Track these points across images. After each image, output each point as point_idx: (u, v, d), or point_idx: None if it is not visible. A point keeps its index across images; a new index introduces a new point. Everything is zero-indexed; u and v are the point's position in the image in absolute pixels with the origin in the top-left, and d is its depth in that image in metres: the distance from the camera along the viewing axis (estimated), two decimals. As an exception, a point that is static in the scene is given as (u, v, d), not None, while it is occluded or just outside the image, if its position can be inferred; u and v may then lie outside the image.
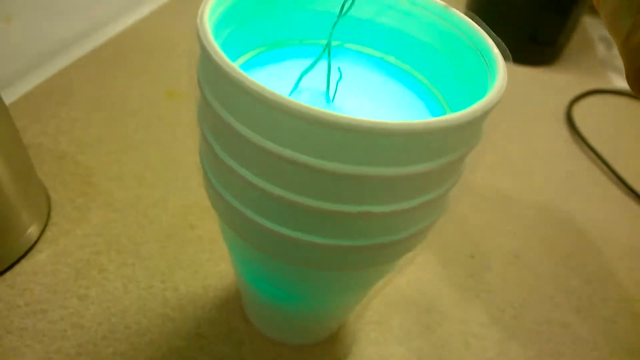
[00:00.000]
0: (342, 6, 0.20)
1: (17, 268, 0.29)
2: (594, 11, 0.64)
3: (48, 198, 0.33)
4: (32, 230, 0.30)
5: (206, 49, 0.16)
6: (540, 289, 0.34)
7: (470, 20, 0.20)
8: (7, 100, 0.39)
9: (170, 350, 0.27)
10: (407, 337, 0.30)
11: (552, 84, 0.54)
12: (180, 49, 0.48)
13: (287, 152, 0.15)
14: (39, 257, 0.30)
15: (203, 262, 0.31)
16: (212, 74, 0.16)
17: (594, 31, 0.66)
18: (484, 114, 0.16)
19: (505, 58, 0.18)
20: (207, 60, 0.16)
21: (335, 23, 0.21)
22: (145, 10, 0.51)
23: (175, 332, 0.28)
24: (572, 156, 0.45)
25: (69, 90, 0.41)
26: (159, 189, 0.35)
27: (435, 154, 0.16)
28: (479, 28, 0.20)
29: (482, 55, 0.19)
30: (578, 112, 0.50)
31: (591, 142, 0.46)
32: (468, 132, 0.16)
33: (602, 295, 0.34)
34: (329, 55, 0.21)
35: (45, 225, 0.31)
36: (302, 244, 0.18)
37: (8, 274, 0.29)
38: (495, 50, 0.19)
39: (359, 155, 0.15)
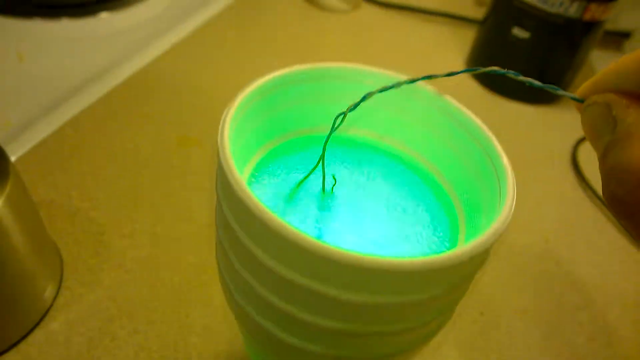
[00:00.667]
0: (334, 123, 0.21)
1: (30, 338, 0.29)
2: (602, 44, 0.64)
3: (61, 259, 0.33)
4: (46, 298, 0.30)
5: (229, 180, 0.16)
6: (549, 347, 0.34)
7: (480, 124, 0.20)
8: (18, 153, 0.39)
9: (183, 423, 0.27)
10: (417, 404, 0.30)
11: (557, 124, 0.55)
12: (190, 92, 0.48)
13: (302, 280, 0.16)
14: (52, 326, 0.30)
15: (216, 326, 0.31)
16: (233, 202, 0.17)
17: (602, 65, 0.66)
18: (493, 242, 0.16)
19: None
20: (229, 188, 0.16)
21: (327, 141, 0.21)
22: (155, 52, 0.52)
23: (189, 404, 0.28)
24: (578, 202, 0.46)
25: (80, 141, 0.41)
26: (171, 247, 0.35)
27: (444, 282, 0.17)
28: (490, 134, 0.20)
29: (493, 165, 0.19)
30: (583, 153, 0.51)
31: (596, 186, 0.47)
32: (478, 259, 0.17)
33: (604, 354, 0.34)
34: (322, 167, 0.21)
35: (59, 288, 0.31)
36: (319, 356, 0.18)
37: (22, 344, 0.29)
38: (505, 161, 0.19)
39: (369, 286, 0.16)
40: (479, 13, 0.62)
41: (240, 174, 0.22)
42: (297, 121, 0.24)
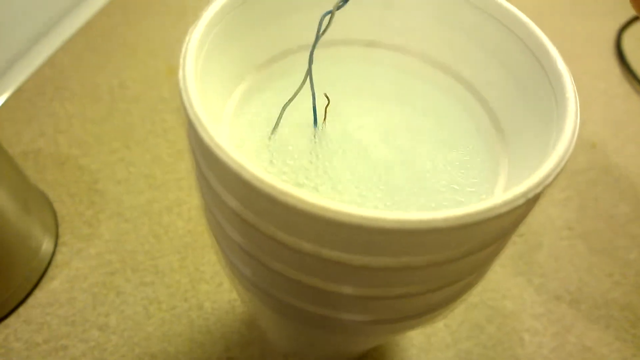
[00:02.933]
0: (319, 28, 0.16)
1: (31, 300, 0.27)
2: None
3: (54, 213, 0.30)
4: (42, 256, 0.28)
5: (196, 129, 0.12)
6: (598, 266, 0.31)
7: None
8: (-2, 100, 0.35)
9: (201, 379, 0.25)
10: (454, 340, 0.27)
11: (598, 9, 0.48)
12: (176, 13, 0.43)
13: (320, 250, 0.12)
14: (53, 285, 0.28)
15: (227, 272, 0.29)
16: (213, 164, 0.13)
17: None
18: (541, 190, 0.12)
19: None
20: (197, 138, 0.12)
21: (313, 48, 0.16)
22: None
23: (205, 358, 0.26)
24: (626, 98, 0.40)
25: (62, 81, 0.37)
26: (171, 190, 0.32)
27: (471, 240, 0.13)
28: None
29: (553, 88, 0.14)
30: (629, 42, 0.44)
31: (647, 77, 0.41)
32: (520, 211, 0.13)
33: (666, 267, 0.31)
34: (311, 84, 0.17)
35: (56, 246, 0.29)
36: (335, 320, 0.15)
37: (22, 309, 0.27)
38: (570, 88, 0.14)
39: (378, 247, 0.12)
40: None
41: (219, 112, 0.18)
42: (286, 37, 0.19)
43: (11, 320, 0.27)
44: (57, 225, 0.30)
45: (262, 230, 0.13)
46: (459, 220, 0.11)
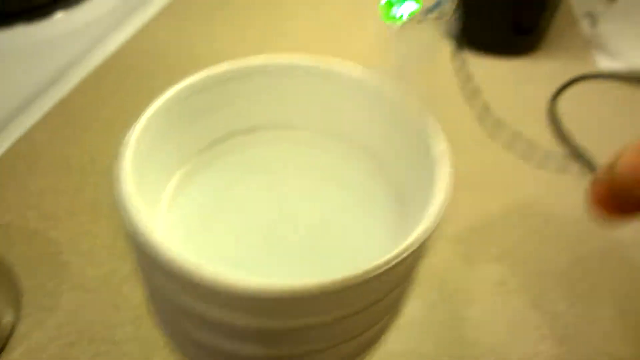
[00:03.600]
0: None
1: (-9, 370, 0.29)
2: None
3: (18, 286, 0.32)
4: (4, 325, 0.30)
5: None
6: (527, 320, 0.33)
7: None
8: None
9: None
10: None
11: (533, 76, 0.52)
12: (147, 92, 0.46)
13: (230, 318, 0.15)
14: (13, 356, 0.29)
15: (179, 339, 0.31)
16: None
17: (580, 7, 0.62)
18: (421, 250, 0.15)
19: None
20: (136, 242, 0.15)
21: None
22: (106, 51, 0.50)
23: None
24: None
25: (35, 156, 0.40)
26: (131, 260, 0.34)
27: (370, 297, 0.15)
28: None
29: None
30: (562, 105, 0.48)
31: (576, 137, 0.44)
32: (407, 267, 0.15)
33: (588, 319, 0.33)
34: None
35: (18, 317, 0.31)
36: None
37: (-17, 379, 0.29)
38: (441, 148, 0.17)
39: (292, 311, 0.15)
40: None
41: (159, 193, 0.21)
42: (211, 129, 0.22)
43: (-28, 391, 0.28)
44: (20, 297, 0.32)
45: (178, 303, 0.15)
46: (331, 286, 0.14)
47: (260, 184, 0.23)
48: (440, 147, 0.18)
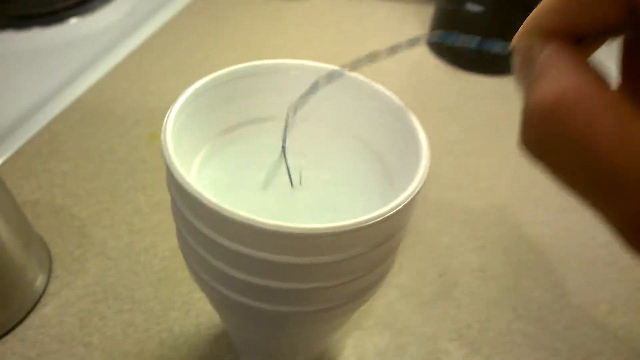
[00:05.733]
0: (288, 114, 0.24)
1: (26, 322, 0.32)
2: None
3: (49, 252, 0.35)
4: (38, 286, 0.33)
5: (173, 174, 0.19)
6: (505, 301, 0.37)
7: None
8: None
9: (169, 388, 0.30)
10: (381, 358, 0.33)
11: (517, 94, 0.57)
12: (158, 92, 0.50)
13: (252, 252, 0.19)
14: (45, 311, 0.33)
15: (194, 302, 0.34)
16: (182, 197, 0.20)
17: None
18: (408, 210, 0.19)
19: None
20: (178, 187, 0.19)
21: (285, 132, 0.24)
22: (118, 57, 0.54)
23: (173, 371, 0.31)
24: (535, 170, 0.49)
25: (57, 145, 0.44)
26: (148, 234, 0.38)
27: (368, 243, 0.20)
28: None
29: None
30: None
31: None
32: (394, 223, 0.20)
33: (561, 303, 0.38)
34: (285, 158, 0.24)
35: (49, 279, 0.34)
36: (270, 313, 0.21)
37: (18, 329, 0.32)
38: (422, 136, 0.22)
39: (306, 250, 0.19)
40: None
41: (189, 165, 0.25)
42: (242, 114, 0.27)
43: (8, 338, 0.31)
44: (51, 262, 0.35)
45: (219, 243, 0.19)
46: (347, 228, 0.18)
47: (267, 167, 0.28)
48: (423, 134, 0.22)
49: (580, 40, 0.14)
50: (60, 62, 0.53)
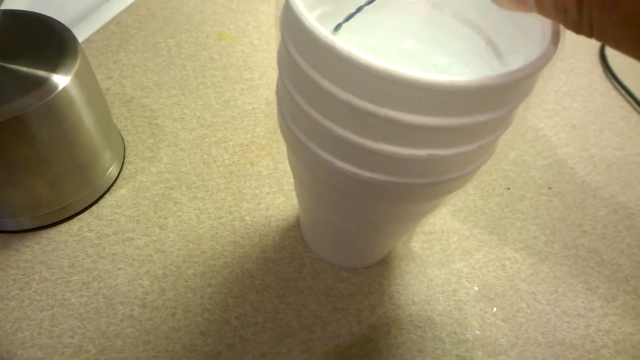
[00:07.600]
0: None
1: (102, 202, 0.33)
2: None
3: (122, 139, 0.36)
4: (113, 169, 0.34)
5: (298, 17, 0.18)
6: (570, 218, 0.37)
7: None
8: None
9: (242, 272, 0.31)
10: (448, 260, 0.33)
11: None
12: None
13: (369, 106, 0.18)
14: (121, 192, 0.34)
15: (264, 196, 0.35)
16: (300, 37, 0.19)
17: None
18: (536, 72, 0.18)
19: None
20: (296, 24, 0.18)
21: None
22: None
23: (246, 256, 0.32)
24: (605, 93, 0.47)
25: (126, 37, 0.43)
26: (219, 129, 0.38)
27: (491, 107, 0.19)
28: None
29: None
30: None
31: (623, 78, 0.48)
32: (522, 87, 0.19)
33: (627, 224, 0.37)
34: None
35: (123, 163, 0.35)
36: (377, 183, 0.21)
37: (94, 207, 0.33)
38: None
39: (430, 108, 0.18)
40: None
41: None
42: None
43: (85, 215, 0.32)
44: (124, 148, 0.36)
45: (325, 89, 0.19)
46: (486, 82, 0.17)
47: (381, 34, 0.26)
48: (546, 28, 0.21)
49: None
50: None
